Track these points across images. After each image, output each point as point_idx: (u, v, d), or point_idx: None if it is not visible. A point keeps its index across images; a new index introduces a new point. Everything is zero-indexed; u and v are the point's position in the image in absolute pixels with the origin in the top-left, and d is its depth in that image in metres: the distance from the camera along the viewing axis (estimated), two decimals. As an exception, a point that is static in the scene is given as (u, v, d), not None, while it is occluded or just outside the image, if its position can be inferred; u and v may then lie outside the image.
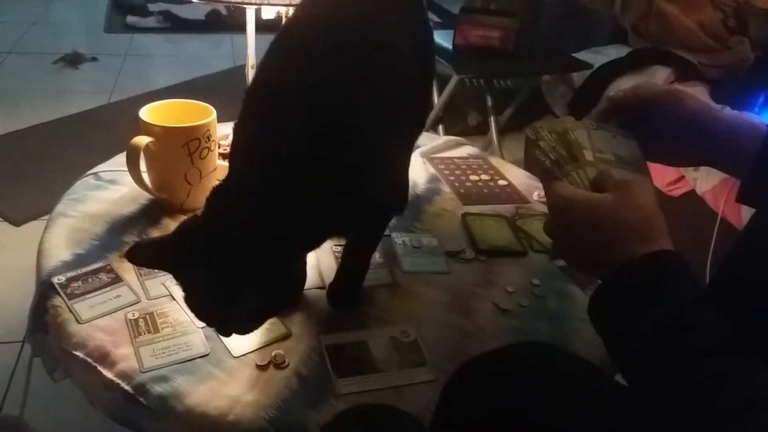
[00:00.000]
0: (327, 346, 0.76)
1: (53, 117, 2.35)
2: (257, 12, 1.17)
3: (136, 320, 0.78)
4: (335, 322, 0.81)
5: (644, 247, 0.54)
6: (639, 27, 1.91)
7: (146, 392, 0.69)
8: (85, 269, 0.85)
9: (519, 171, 1.24)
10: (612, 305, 0.56)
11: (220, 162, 1.01)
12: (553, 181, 0.61)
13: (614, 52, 1.89)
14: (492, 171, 1.22)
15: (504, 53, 1.94)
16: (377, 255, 0.93)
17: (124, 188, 1.03)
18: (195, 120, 0.95)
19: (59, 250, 0.89)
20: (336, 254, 0.91)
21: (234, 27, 3.34)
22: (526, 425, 0.54)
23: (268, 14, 1.15)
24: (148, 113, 0.96)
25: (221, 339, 0.76)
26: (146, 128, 0.94)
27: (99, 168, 1.09)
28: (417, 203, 1.07)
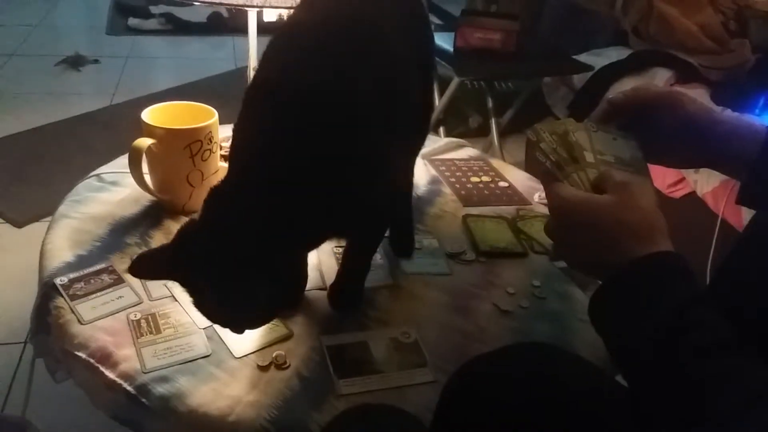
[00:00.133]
0: (328, 347, 0.76)
1: (55, 119, 2.36)
2: (259, 14, 1.18)
3: (138, 321, 0.78)
4: (336, 323, 0.81)
5: (644, 248, 0.54)
6: (639, 29, 1.91)
7: (148, 393, 0.69)
8: (88, 270, 0.86)
9: (520, 173, 1.24)
10: (612, 306, 0.56)
11: (222, 164, 1.01)
12: (554, 183, 0.61)
13: (615, 54, 1.90)
14: (493, 173, 1.22)
15: (505, 55, 1.94)
16: (378, 256, 0.93)
17: (126, 190, 1.03)
18: (197, 122, 0.95)
19: (62, 252, 0.89)
20: (337, 255, 0.91)
21: (235, 29, 3.35)
22: (526, 426, 0.54)
23: (270, 17, 1.16)
24: (151, 115, 0.96)
25: (223, 340, 0.76)
26: (148, 130, 0.94)
27: (101, 170, 1.10)
28: (418, 205, 1.07)
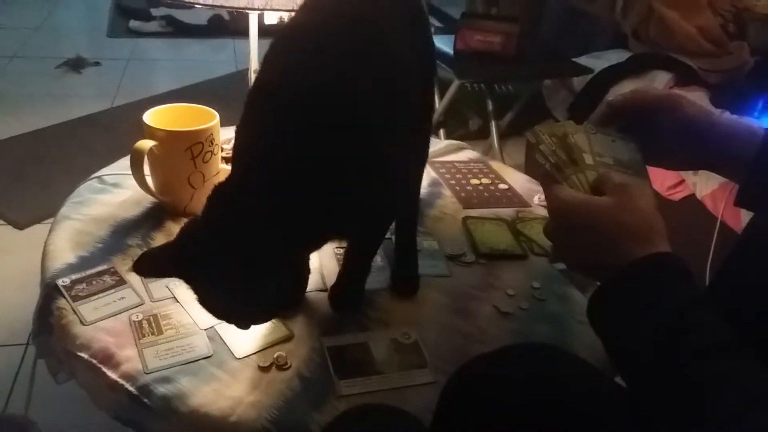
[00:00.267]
0: (328, 348, 0.77)
1: (56, 121, 2.36)
2: (260, 17, 1.19)
3: (140, 322, 0.78)
4: (337, 324, 0.81)
5: (643, 250, 0.55)
6: (639, 32, 1.92)
7: (150, 393, 0.70)
8: (90, 272, 0.86)
9: (519, 175, 1.25)
10: (611, 307, 0.56)
11: (223, 166, 1.01)
12: (553, 185, 0.61)
13: (615, 57, 1.90)
14: (493, 175, 1.22)
15: (505, 58, 1.95)
16: (379, 258, 0.93)
17: (128, 191, 1.04)
18: (198, 124, 0.96)
19: (64, 253, 0.90)
20: (338, 257, 0.91)
21: (236, 32, 3.36)
22: (526, 426, 0.54)
23: (271, 19, 1.17)
24: (152, 117, 0.97)
25: (224, 341, 0.77)
26: (150, 132, 0.94)
27: (103, 171, 1.10)
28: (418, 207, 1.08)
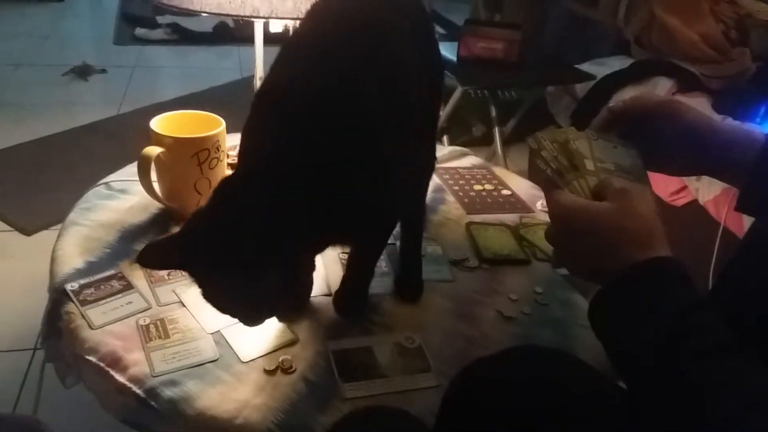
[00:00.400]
0: (333, 352, 0.77)
1: (63, 128, 2.38)
2: (265, 25, 1.20)
3: (147, 326, 0.79)
4: (341, 329, 0.82)
5: (643, 254, 0.55)
6: (641, 38, 1.93)
7: (157, 396, 0.71)
8: (98, 276, 0.87)
9: (523, 181, 1.25)
10: (611, 311, 0.57)
11: (229, 172, 1.03)
12: (555, 190, 0.62)
13: (617, 64, 1.91)
14: (496, 181, 1.23)
15: (508, 65, 1.96)
16: (383, 264, 0.94)
17: (135, 197, 1.05)
18: (204, 131, 0.97)
19: (72, 258, 0.91)
20: (343, 262, 0.92)
21: (241, 39, 3.38)
22: (527, 429, 0.55)
23: (276, 27, 1.18)
24: (159, 124, 0.98)
25: (230, 345, 0.78)
26: (157, 139, 0.96)
27: (110, 178, 1.11)
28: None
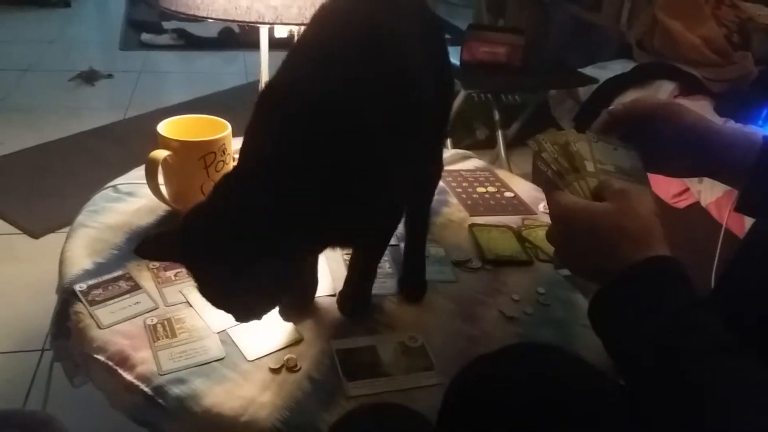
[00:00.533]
0: (337, 351, 0.79)
1: (70, 132, 2.40)
2: (270, 30, 1.21)
3: (155, 326, 0.81)
4: (346, 328, 0.83)
5: (642, 254, 0.56)
6: (644, 42, 1.94)
7: (165, 394, 0.72)
8: (106, 277, 0.88)
9: (525, 183, 1.26)
10: (611, 311, 0.58)
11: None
12: (555, 191, 0.63)
13: (620, 67, 1.92)
14: (498, 183, 1.24)
15: (511, 69, 1.97)
16: (387, 265, 0.95)
17: (142, 200, 1.06)
18: (211, 134, 0.99)
19: (80, 260, 0.92)
20: (347, 263, 0.93)
21: (246, 44, 3.40)
22: (528, 426, 0.55)
23: (281, 33, 1.20)
24: (166, 128, 1.00)
25: (236, 344, 0.79)
26: (164, 142, 0.97)
27: (117, 181, 1.13)
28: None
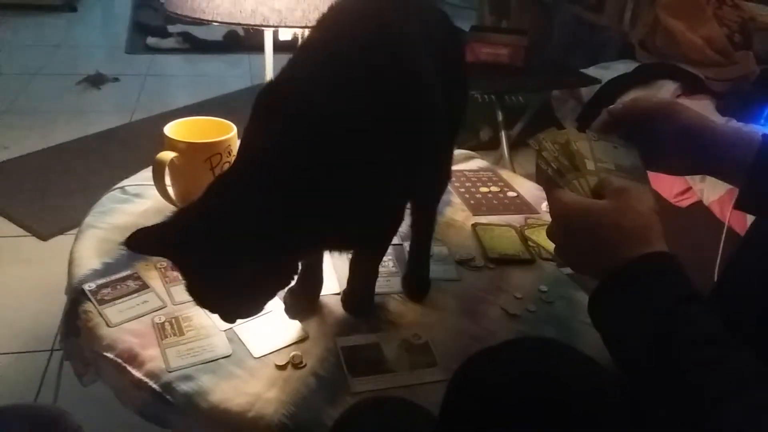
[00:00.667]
0: (342, 348, 0.80)
1: (76, 136, 2.43)
2: (275, 33, 1.23)
3: (163, 324, 0.82)
4: (350, 326, 0.84)
5: (639, 250, 0.57)
6: (646, 42, 1.95)
7: (173, 390, 0.73)
8: (114, 277, 0.90)
9: (528, 183, 1.27)
10: (608, 306, 0.59)
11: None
12: (556, 189, 0.64)
13: (622, 68, 1.93)
14: (501, 183, 1.25)
15: (514, 70, 1.98)
16: (390, 264, 0.97)
17: (149, 201, 1.08)
18: (216, 136, 1.00)
19: (89, 260, 0.94)
20: (351, 262, 0.94)
21: (251, 47, 3.43)
22: (528, 420, 0.56)
23: (286, 35, 1.21)
24: (173, 130, 1.01)
25: (242, 341, 0.80)
26: (171, 144, 0.99)
27: (125, 182, 1.14)
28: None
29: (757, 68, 1.70)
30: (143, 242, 0.68)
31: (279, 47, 1.28)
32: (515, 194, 1.21)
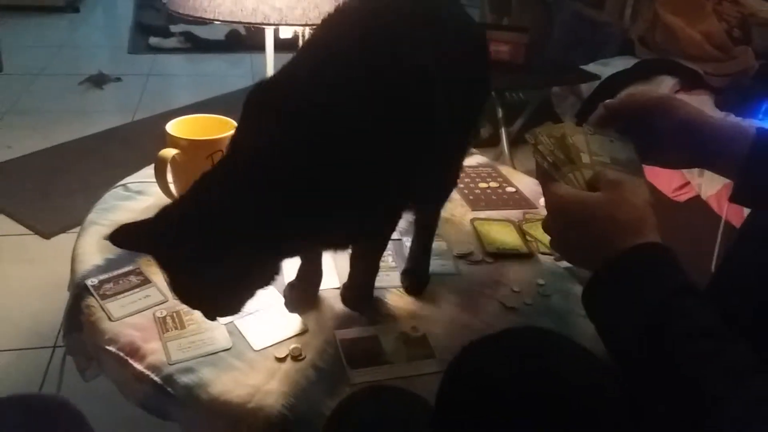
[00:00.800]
0: (341, 340, 0.81)
1: (79, 135, 2.44)
2: (276, 32, 1.24)
3: (164, 318, 0.83)
4: (349, 319, 0.85)
5: (633, 242, 0.58)
6: (646, 38, 1.95)
7: (174, 383, 0.74)
8: (116, 272, 0.91)
9: (527, 179, 1.28)
10: (602, 297, 0.59)
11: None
12: (551, 182, 0.65)
13: (622, 64, 1.93)
14: (500, 179, 1.26)
15: (514, 66, 1.99)
16: (390, 258, 0.97)
17: (151, 198, 1.09)
18: (218, 133, 1.01)
19: (92, 256, 0.95)
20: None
21: (253, 46, 3.44)
22: (524, 409, 0.57)
23: (286, 34, 1.22)
24: (175, 127, 1.02)
25: (242, 334, 0.81)
26: (173, 141, 1.00)
27: (127, 180, 1.15)
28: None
29: (756, 63, 1.71)
30: (127, 238, 0.67)
31: (280, 46, 1.29)
32: (514, 189, 1.22)
